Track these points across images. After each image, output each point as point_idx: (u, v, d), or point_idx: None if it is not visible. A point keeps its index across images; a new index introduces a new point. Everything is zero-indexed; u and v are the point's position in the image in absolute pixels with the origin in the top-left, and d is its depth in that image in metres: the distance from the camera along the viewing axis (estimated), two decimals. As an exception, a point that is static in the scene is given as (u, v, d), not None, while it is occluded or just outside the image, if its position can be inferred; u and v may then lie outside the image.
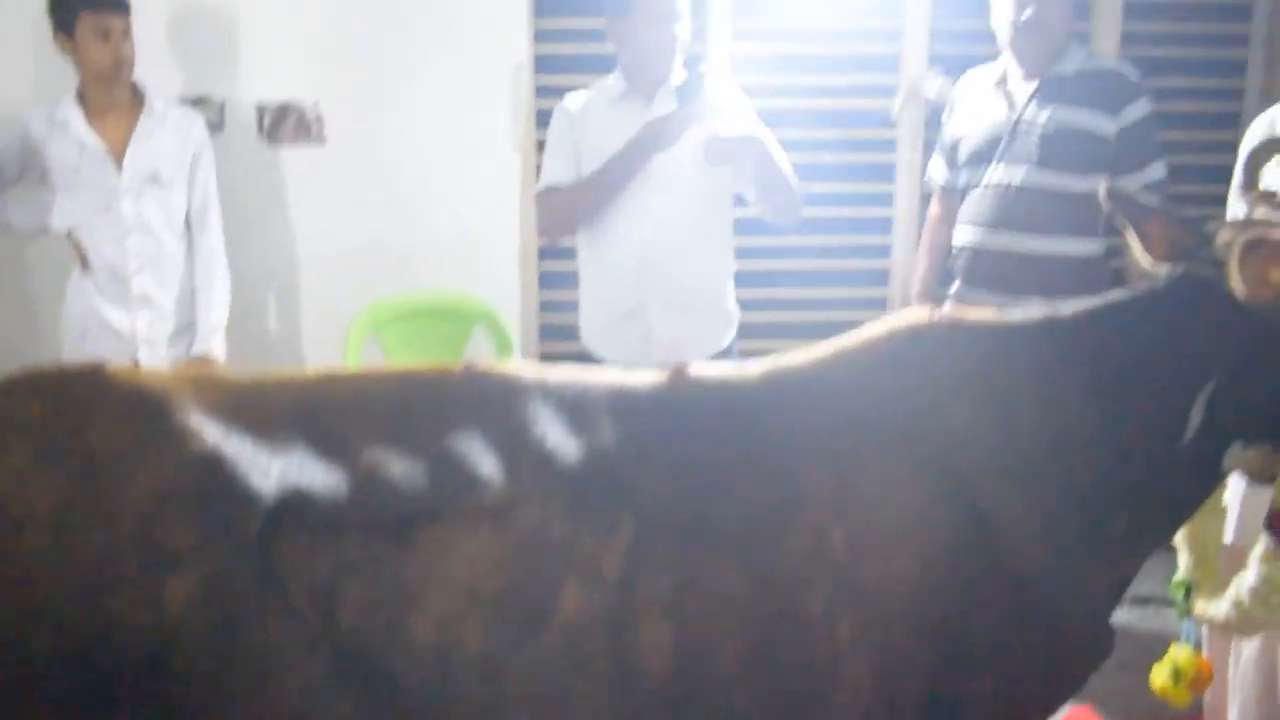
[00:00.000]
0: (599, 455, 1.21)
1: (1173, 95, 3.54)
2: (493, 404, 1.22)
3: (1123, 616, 1.59)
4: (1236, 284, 1.29)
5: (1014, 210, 2.65)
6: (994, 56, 2.78)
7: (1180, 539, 1.67)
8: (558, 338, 3.21)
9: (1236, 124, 3.53)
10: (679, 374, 1.30)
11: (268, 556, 1.08)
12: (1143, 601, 2.98)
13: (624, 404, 1.27)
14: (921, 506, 1.26)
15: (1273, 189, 1.60)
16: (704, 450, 1.24)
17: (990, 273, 2.70)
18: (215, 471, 1.09)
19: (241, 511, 1.08)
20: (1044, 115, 2.64)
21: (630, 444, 1.23)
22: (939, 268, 2.94)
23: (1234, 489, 1.91)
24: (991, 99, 2.73)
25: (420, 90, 3.27)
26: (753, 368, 1.34)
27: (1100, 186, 2.37)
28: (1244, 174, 1.67)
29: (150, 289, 2.78)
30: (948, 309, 1.40)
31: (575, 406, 1.24)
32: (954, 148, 2.81)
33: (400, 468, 1.13)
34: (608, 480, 1.19)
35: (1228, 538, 1.99)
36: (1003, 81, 2.73)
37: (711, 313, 2.75)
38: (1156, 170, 2.68)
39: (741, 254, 2.96)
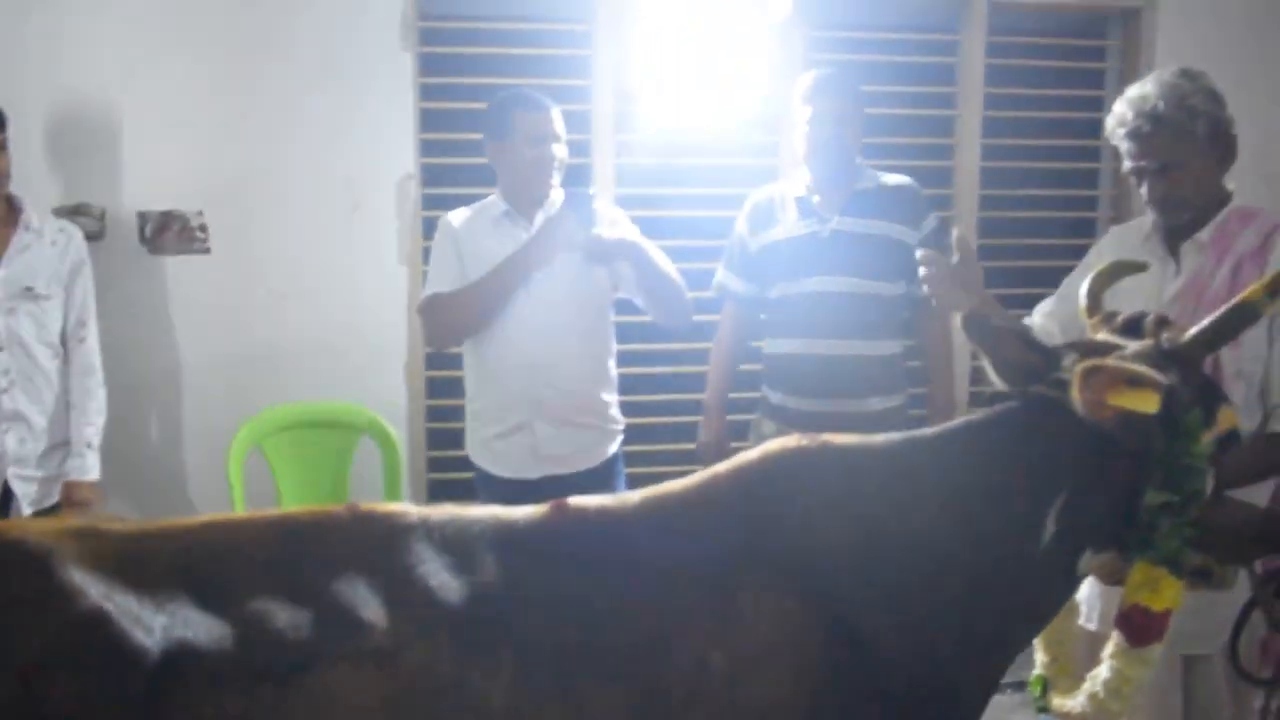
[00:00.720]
0: (482, 592, 1.23)
1: (1028, 204, 3.77)
2: (375, 545, 1.23)
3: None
4: (1078, 405, 1.39)
5: (832, 318, 2.81)
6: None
7: (1040, 638, 1.75)
8: (447, 446, 3.22)
9: (1093, 234, 3.78)
10: (559, 507, 1.34)
11: (152, 714, 1.07)
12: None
13: (506, 539, 1.29)
14: (796, 628, 1.30)
15: (1114, 311, 1.73)
16: (585, 581, 1.27)
17: (808, 378, 2.84)
18: (98, 630, 1.08)
19: (125, 670, 1.07)
20: (855, 227, 2.82)
21: (513, 579, 1.25)
22: (732, 378, 3.06)
23: (1090, 584, 2.01)
24: (799, 213, 2.88)
25: (307, 199, 3.29)
26: (631, 496, 1.38)
27: (902, 289, 2.59)
28: (1087, 297, 1.79)
29: (22, 405, 2.71)
30: (819, 436, 1.45)
31: (457, 544, 1.26)
32: (759, 260, 2.93)
33: (284, 615, 1.14)
34: (492, 617, 1.21)
35: (1090, 626, 2.09)
36: (807, 196, 2.88)
37: (596, 423, 2.80)
38: None
39: (632, 359, 3.03)
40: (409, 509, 1.30)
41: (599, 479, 2.75)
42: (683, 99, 3.39)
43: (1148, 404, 1.35)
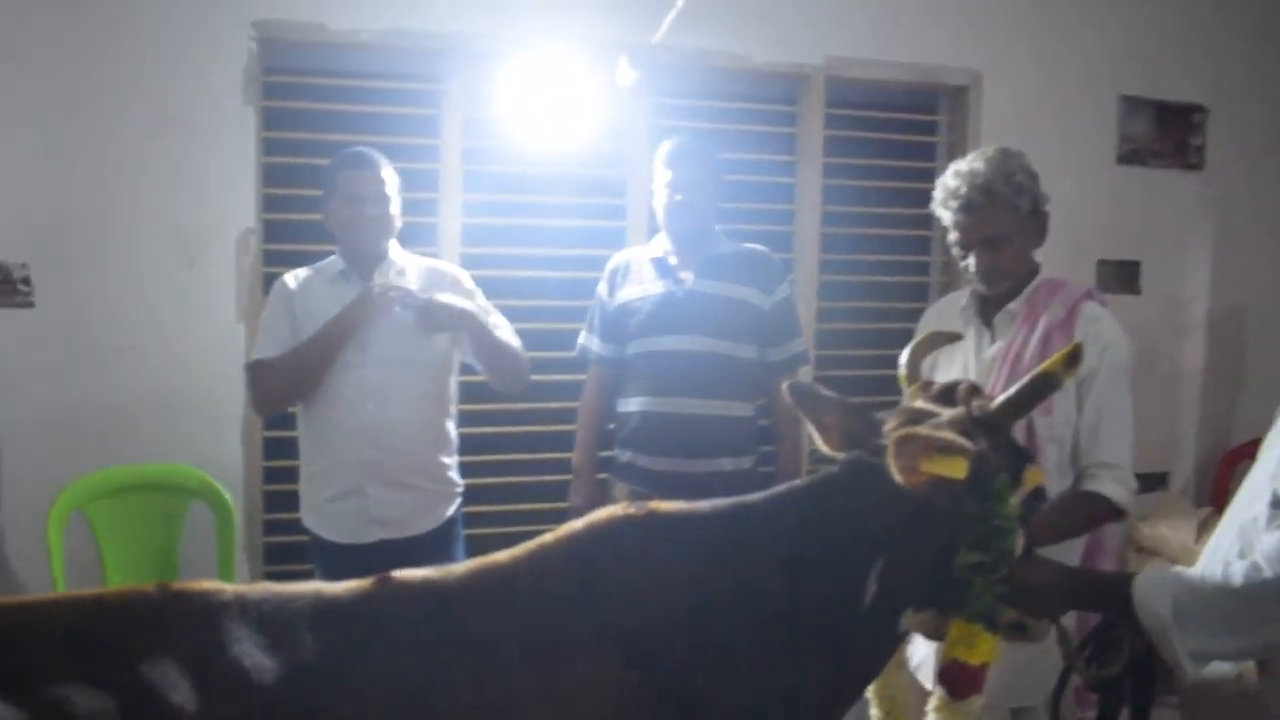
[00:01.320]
0: (300, 672, 1.20)
1: (865, 269, 3.93)
2: (187, 625, 1.19)
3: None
4: (894, 472, 1.45)
5: (686, 377, 2.86)
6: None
7: (870, 692, 1.79)
8: (285, 509, 3.12)
9: (926, 298, 3.95)
10: (383, 581, 1.32)
11: None
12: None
13: (327, 616, 1.26)
14: (623, 696, 1.31)
15: (930, 380, 1.81)
16: (409, 657, 1.26)
17: (661, 437, 2.89)
18: None
19: None
20: (710, 289, 2.89)
21: (333, 658, 1.22)
22: (599, 439, 3.11)
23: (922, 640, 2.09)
24: (656, 274, 2.96)
25: (141, 254, 3.16)
26: (458, 568, 1.37)
27: (755, 352, 2.66)
28: (906, 366, 1.87)
29: None
30: (646, 504, 1.47)
31: (275, 622, 1.22)
32: (619, 319, 2.99)
33: (84, 702, 1.08)
34: (309, 698, 1.18)
35: (927, 683, 2.16)
36: (664, 258, 2.96)
37: (432, 486, 2.78)
38: (800, 343, 3.02)
39: (477, 419, 3.01)
40: (224, 587, 1.26)
41: (436, 542, 2.73)
42: (530, 160, 3.42)
43: (957, 470, 1.42)
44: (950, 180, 2.26)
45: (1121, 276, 4.25)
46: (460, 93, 3.39)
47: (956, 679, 1.56)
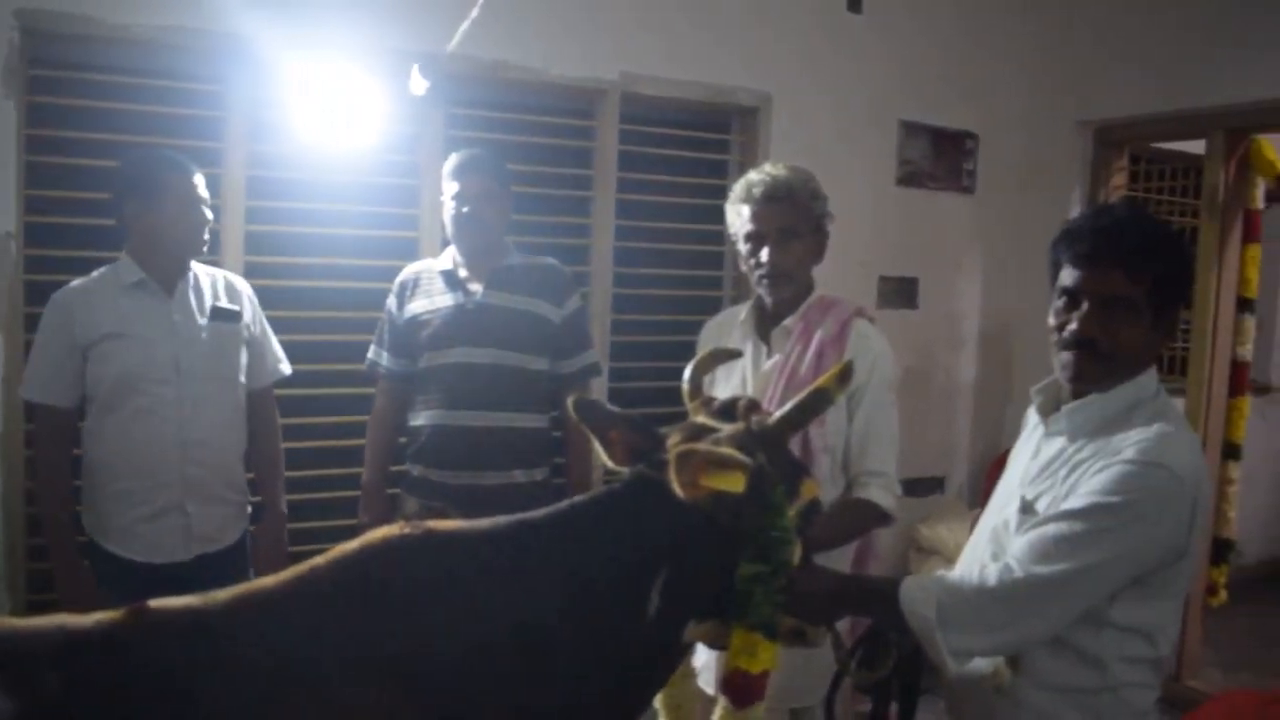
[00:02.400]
0: (41, 715, 1.11)
1: (659, 283, 3.99)
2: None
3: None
4: (675, 486, 1.47)
5: (477, 389, 2.85)
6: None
7: (659, 702, 1.82)
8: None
9: (718, 312, 4.04)
10: (137, 612, 1.24)
11: None
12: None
13: (74, 651, 1.18)
14: None
15: (711, 396, 1.86)
16: (167, 691, 1.19)
17: (452, 450, 2.86)
18: None
19: None
20: (500, 301, 2.89)
21: (80, 695, 1.14)
22: (391, 454, 3.07)
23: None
24: (445, 287, 2.93)
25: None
26: (221, 594, 1.30)
27: (546, 365, 2.70)
28: (689, 381, 1.92)
29: None
30: (422, 523, 1.44)
31: (14, 660, 1.13)
32: (408, 333, 2.95)
33: None
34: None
35: (710, 690, 2.21)
36: (454, 270, 2.94)
37: (239, 498, 2.77)
38: (591, 355, 3.06)
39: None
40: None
41: (240, 553, 2.76)
42: (319, 167, 3.31)
43: (736, 484, 1.45)
44: (753, 175, 2.37)
45: (901, 292, 4.47)
46: (245, 95, 3.25)
47: (739, 687, 1.60)
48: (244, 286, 2.82)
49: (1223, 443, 4.51)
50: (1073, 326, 1.70)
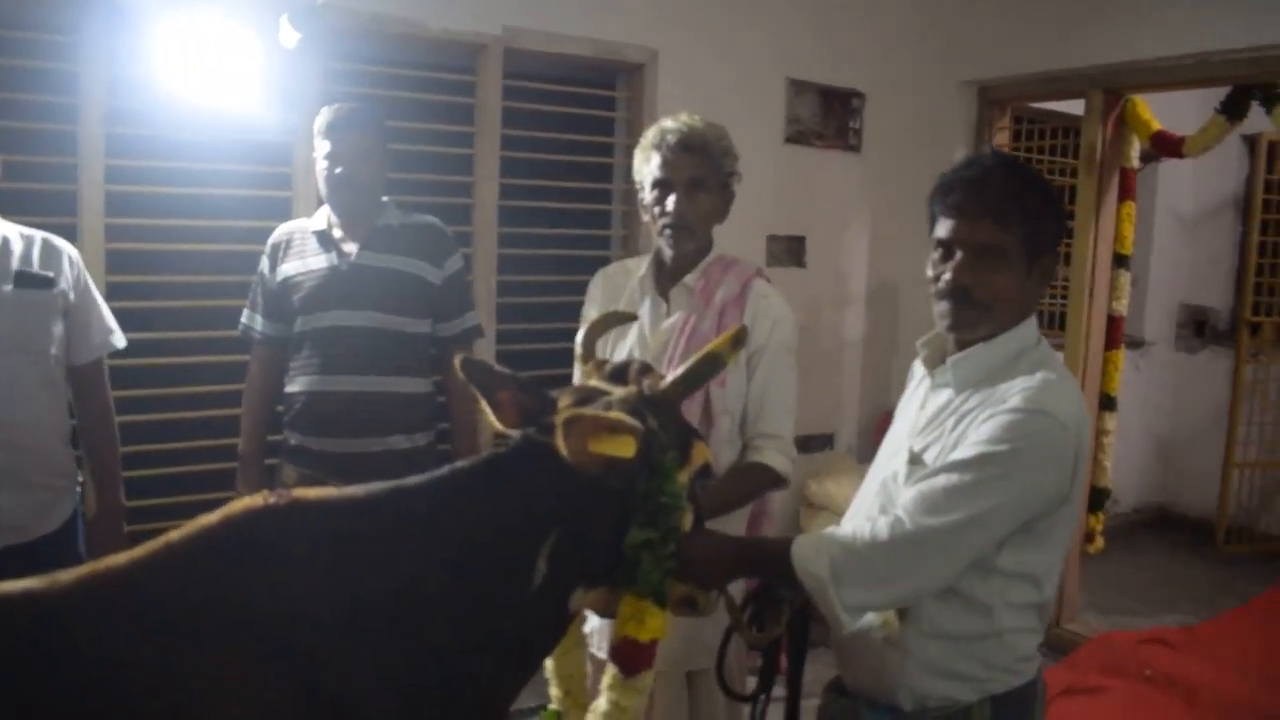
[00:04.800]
0: None
1: (545, 242, 3.92)
2: None
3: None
4: (563, 451, 1.42)
5: (353, 353, 2.75)
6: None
7: (549, 671, 1.78)
8: None
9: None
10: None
11: None
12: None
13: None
14: (262, 694, 1.20)
15: (604, 359, 1.81)
16: (10, 681, 1.10)
17: (330, 417, 2.76)
18: None
19: None
20: (377, 262, 2.78)
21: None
22: (267, 422, 2.94)
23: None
24: (319, 248, 2.82)
25: None
26: (66, 575, 1.20)
27: (427, 327, 2.59)
28: (582, 346, 1.86)
29: None
30: (288, 492, 1.36)
31: None
32: (282, 296, 2.83)
33: None
34: None
35: (601, 654, 2.18)
36: (328, 231, 2.83)
37: (59, 483, 2.54)
38: (473, 317, 2.98)
39: (126, 406, 2.73)
40: None
41: (61, 544, 2.51)
42: (184, 125, 3.13)
43: (625, 449, 1.41)
44: (667, 123, 2.31)
45: (789, 251, 4.48)
46: (102, 47, 3.04)
47: (628, 656, 1.57)
48: (68, 249, 2.56)
49: (1099, 394, 4.66)
50: (947, 276, 1.72)
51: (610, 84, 4.06)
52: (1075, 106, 4.59)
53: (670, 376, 1.60)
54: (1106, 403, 4.71)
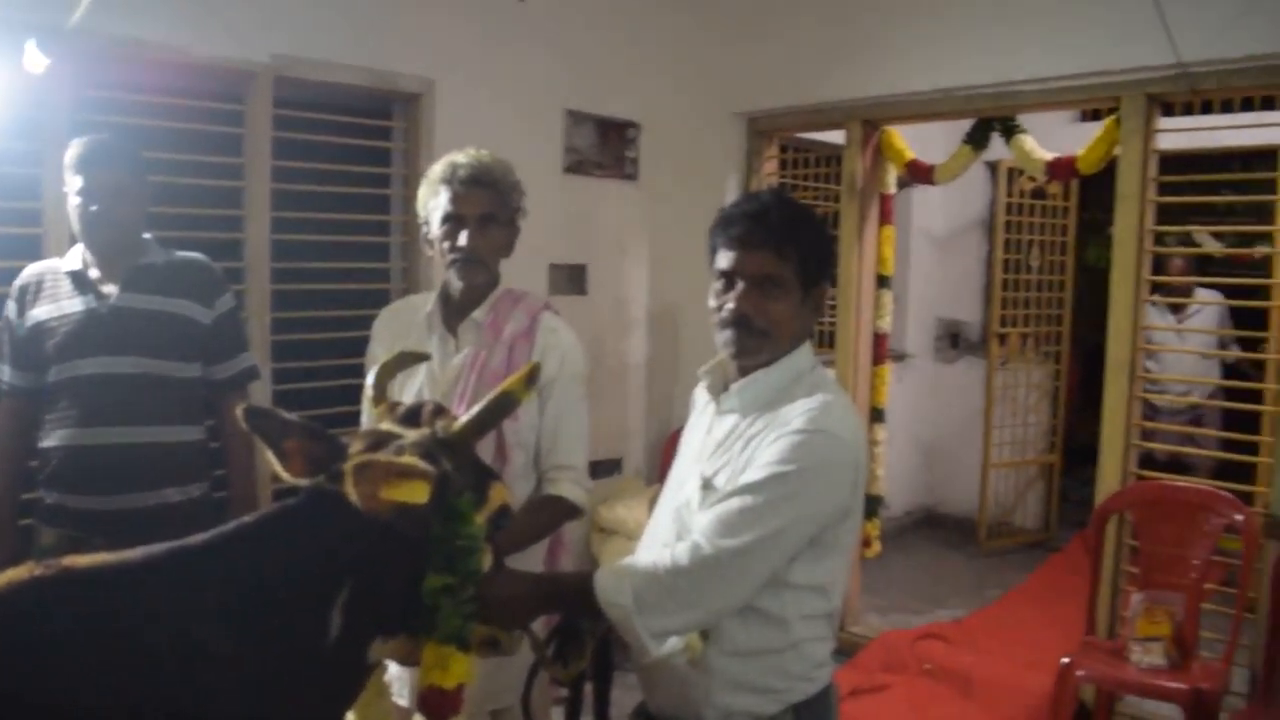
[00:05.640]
0: None
1: (322, 277, 3.80)
2: None
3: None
4: (354, 499, 1.38)
5: (118, 402, 2.59)
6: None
7: (351, 720, 1.72)
8: None
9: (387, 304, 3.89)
10: None
11: None
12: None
13: None
14: None
15: (397, 401, 1.77)
16: None
17: (92, 472, 2.59)
18: None
19: None
20: (139, 304, 2.64)
21: None
22: (20, 482, 2.73)
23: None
24: (74, 289, 2.65)
25: None
26: None
27: (197, 371, 2.47)
28: (373, 388, 1.82)
29: None
30: (58, 561, 1.26)
31: None
32: (32, 343, 2.64)
33: None
34: None
35: (402, 702, 2.13)
36: (83, 271, 2.67)
37: None
38: (248, 358, 2.88)
39: None
40: None
41: None
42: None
43: (418, 494, 1.39)
44: (458, 158, 2.30)
45: (571, 279, 4.53)
46: None
47: (434, 704, 1.54)
48: None
49: (869, 407, 4.92)
50: (730, 305, 1.79)
51: (387, 114, 3.99)
52: (837, 137, 4.85)
53: (464, 417, 1.59)
54: (876, 415, 4.98)
